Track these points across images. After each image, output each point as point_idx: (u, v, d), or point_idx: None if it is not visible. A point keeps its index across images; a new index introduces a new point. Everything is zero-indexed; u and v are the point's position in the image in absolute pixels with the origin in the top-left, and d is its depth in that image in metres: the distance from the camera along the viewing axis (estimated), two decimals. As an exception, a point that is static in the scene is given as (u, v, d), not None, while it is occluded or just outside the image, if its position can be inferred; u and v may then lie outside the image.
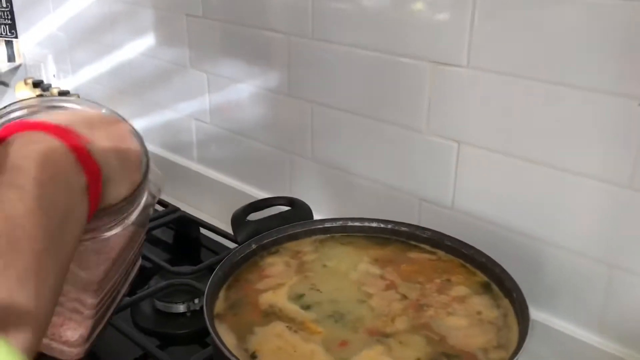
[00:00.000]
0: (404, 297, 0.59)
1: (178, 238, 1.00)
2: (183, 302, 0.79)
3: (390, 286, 0.61)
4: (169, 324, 0.77)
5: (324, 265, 0.64)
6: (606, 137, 0.60)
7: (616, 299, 0.63)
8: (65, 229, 0.35)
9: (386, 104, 0.77)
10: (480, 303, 0.58)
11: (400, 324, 0.55)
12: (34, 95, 1.37)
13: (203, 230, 0.98)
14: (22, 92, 1.40)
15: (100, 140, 0.40)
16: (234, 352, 0.50)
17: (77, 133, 0.38)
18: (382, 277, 0.62)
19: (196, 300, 0.80)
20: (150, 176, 0.45)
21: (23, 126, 0.37)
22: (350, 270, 0.63)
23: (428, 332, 0.54)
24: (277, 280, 0.61)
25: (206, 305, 0.54)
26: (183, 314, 0.79)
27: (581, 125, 0.61)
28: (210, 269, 0.85)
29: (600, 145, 0.60)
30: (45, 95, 1.34)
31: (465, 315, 0.56)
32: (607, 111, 0.59)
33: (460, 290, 0.60)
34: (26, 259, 0.31)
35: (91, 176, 0.37)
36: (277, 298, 0.59)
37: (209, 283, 0.57)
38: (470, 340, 0.53)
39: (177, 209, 0.99)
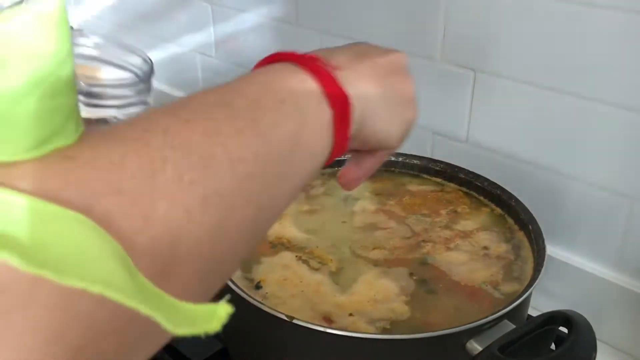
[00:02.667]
0: (410, 229, 0.57)
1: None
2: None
3: (394, 218, 0.59)
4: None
5: (331, 199, 0.62)
6: (630, 61, 0.56)
7: (637, 233, 0.60)
8: (288, 162, 0.31)
9: (397, 32, 0.73)
10: (487, 238, 0.55)
11: (398, 254, 0.54)
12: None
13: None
14: (24, 29, 1.37)
15: (360, 70, 0.37)
16: (238, 282, 0.48)
17: (324, 61, 0.34)
18: (385, 210, 0.60)
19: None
20: None
21: (268, 59, 0.35)
22: (355, 202, 0.61)
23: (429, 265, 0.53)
24: (282, 212, 0.60)
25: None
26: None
27: (604, 48, 0.57)
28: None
29: (622, 70, 0.56)
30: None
31: (467, 251, 0.54)
32: (634, 34, 0.55)
33: (467, 225, 0.57)
34: (221, 180, 0.26)
35: (338, 108, 0.33)
36: (284, 230, 0.57)
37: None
38: (472, 274, 0.51)
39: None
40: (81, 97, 0.57)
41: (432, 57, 0.70)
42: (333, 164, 0.43)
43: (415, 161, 0.65)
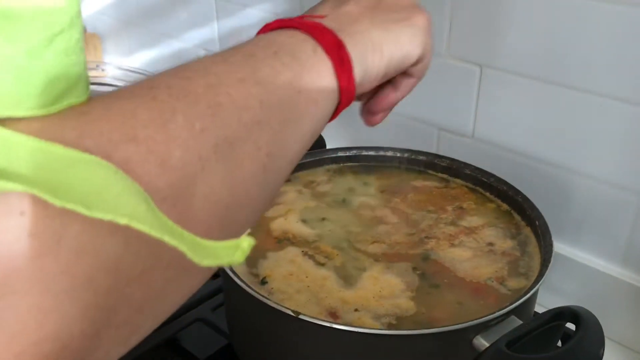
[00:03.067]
0: (413, 226, 0.57)
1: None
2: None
3: (398, 214, 0.58)
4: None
5: (336, 195, 0.62)
6: (634, 57, 0.55)
7: (643, 229, 0.60)
8: (292, 108, 0.31)
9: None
10: (492, 234, 0.55)
11: (399, 249, 0.54)
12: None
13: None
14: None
15: (346, 7, 0.38)
16: (243, 277, 0.48)
17: (310, 14, 0.36)
18: (390, 207, 0.59)
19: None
20: None
21: (264, 28, 0.36)
22: (360, 199, 0.61)
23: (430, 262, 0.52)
24: (287, 207, 0.59)
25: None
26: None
27: (612, 43, 0.57)
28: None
29: (629, 65, 0.56)
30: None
31: (471, 247, 0.54)
32: (636, 27, 0.54)
33: (472, 221, 0.57)
34: (230, 127, 0.27)
35: (333, 54, 0.34)
36: (290, 224, 0.57)
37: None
38: (476, 270, 0.51)
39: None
40: None
41: (438, 52, 0.70)
42: (336, 158, 0.43)
43: (420, 157, 0.65)
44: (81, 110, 0.23)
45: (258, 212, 0.31)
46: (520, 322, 0.43)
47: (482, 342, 0.42)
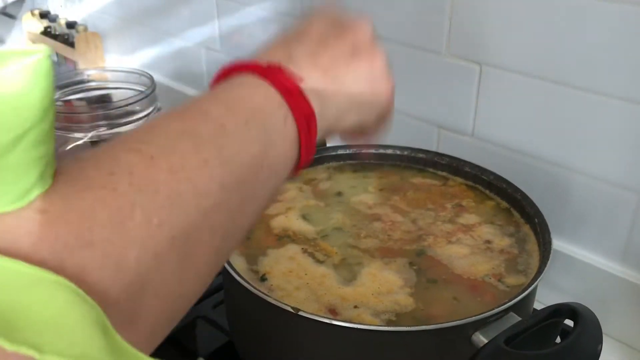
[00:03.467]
0: (413, 223, 0.57)
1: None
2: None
3: (398, 212, 0.59)
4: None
5: (336, 193, 0.62)
6: (632, 54, 0.55)
7: (642, 227, 0.60)
8: (253, 185, 0.30)
9: (404, 25, 0.73)
10: (491, 231, 0.55)
11: (399, 246, 0.54)
12: (41, 26, 1.34)
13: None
14: (29, 23, 1.37)
15: (321, 66, 0.36)
16: (243, 274, 0.48)
17: (286, 69, 0.33)
18: (390, 205, 0.60)
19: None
20: None
21: (229, 69, 0.34)
22: (361, 197, 0.61)
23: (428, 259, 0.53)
24: (287, 204, 0.60)
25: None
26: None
27: (611, 42, 0.57)
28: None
29: (629, 63, 0.56)
30: (53, 27, 1.31)
31: (469, 244, 0.54)
32: (634, 25, 0.54)
33: (471, 218, 0.57)
34: (187, 217, 0.26)
35: (303, 123, 0.33)
36: (290, 222, 0.57)
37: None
38: (473, 267, 0.51)
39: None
40: (103, 122, 0.62)
41: (438, 51, 0.70)
42: (337, 156, 0.43)
43: (420, 155, 0.65)
44: (40, 209, 0.22)
45: (199, 295, 0.30)
46: (519, 318, 0.44)
47: (480, 339, 0.43)
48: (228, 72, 0.34)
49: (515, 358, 0.39)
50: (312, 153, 0.34)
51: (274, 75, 0.33)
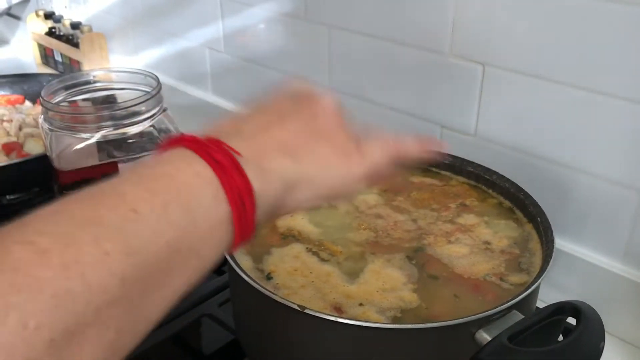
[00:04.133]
0: (415, 223, 0.58)
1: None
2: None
3: (401, 212, 0.59)
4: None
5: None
6: (634, 55, 0.56)
7: (644, 226, 0.61)
8: (163, 273, 0.28)
9: (407, 26, 0.73)
10: (492, 231, 0.56)
11: (401, 244, 0.55)
12: (46, 27, 1.35)
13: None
14: (34, 24, 1.38)
15: (268, 144, 0.34)
16: (249, 273, 0.49)
17: (227, 144, 0.31)
18: (394, 206, 0.60)
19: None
20: None
21: (168, 143, 0.32)
22: (365, 197, 0.62)
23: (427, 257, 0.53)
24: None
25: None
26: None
27: (613, 43, 0.57)
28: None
29: (630, 63, 0.57)
30: (57, 27, 1.31)
31: (469, 244, 0.54)
32: (637, 26, 0.55)
33: (473, 218, 0.58)
34: (75, 315, 0.24)
35: (237, 203, 0.30)
36: (295, 222, 0.57)
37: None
38: (474, 267, 0.52)
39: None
40: (109, 123, 0.63)
41: (441, 51, 0.70)
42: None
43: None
44: None
45: None
46: (522, 316, 0.44)
47: (484, 336, 0.43)
48: (168, 146, 0.32)
49: (519, 355, 0.40)
50: (249, 231, 0.32)
51: (208, 149, 0.31)
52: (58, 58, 1.34)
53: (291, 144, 0.35)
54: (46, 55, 1.38)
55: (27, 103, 1.08)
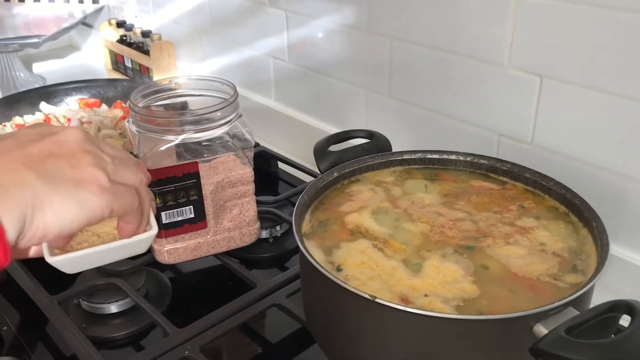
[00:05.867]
0: (476, 225, 0.61)
1: (258, 172, 1.04)
2: (266, 229, 0.84)
3: (464, 216, 0.63)
4: (252, 249, 0.81)
5: (404, 194, 0.67)
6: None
7: (699, 234, 0.63)
8: None
9: (466, 38, 0.77)
10: (548, 234, 0.59)
11: (462, 248, 0.58)
12: (117, 35, 1.44)
13: (281, 165, 1.02)
14: (106, 32, 1.47)
15: (15, 164, 0.36)
16: (322, 265, 0.54)
17: None
18: (456, 207, 0.64)
19: (278, 227, 0.85)
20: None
21: None
22: (426, 201, 0.66)
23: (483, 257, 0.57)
24: (360, 203, 0.65)
25: (295, 224, 0.57)
26: (266, 239, 0.84)
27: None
28: (290, 199, 0.90)
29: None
30: (128, 36, 1.40)
31: (525, 246, 0.58)
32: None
33: (530, 222, 0.61)
34: None
35: None
36: (363, 219, 0.62)
37: (296, 204, 0.60)
38: (529, 267, 0.55)
39: (257, 144, 1.03)
40: (191, 127, 0.69)
41: (500, 63, 0.74)
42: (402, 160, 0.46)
43: (482, 161, 0.69)
44: None
45: None
46: (578, 312, 0.47)
47: (541, 329, 0.46)
48: None
49: (575, 346, 0.43)
50: (4, 253, 0.34)
51: None
52: (128, 64, 1.42)
53: (31, 166, 0.37)
54: (117, 61, 1.47)
55: (104, 106, 1.16)
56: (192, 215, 0.72)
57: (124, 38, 1.42)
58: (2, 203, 0.34)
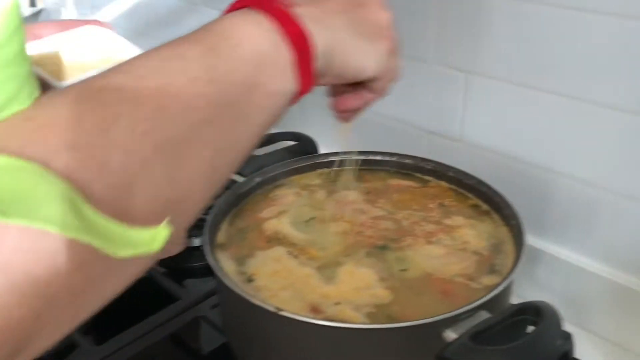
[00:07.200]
0: (397, 224, 0.60)
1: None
2: (197, 237, 0.81)
3: (384, 214, 0.62)
4: (186, 258, 0.79)
5: (328, 197, 0.65)
6: (616, 63, 0.58)
7: (623, 227, 0.62)
8: (246, 104, 0.32)
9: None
10: (469, 233, 0.58)
11: (379, 248, 0.57)
12: (56, 39, 1.39)
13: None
14: (45, 37, 1.42)
15: (323, 3, 0.38)
16: (232, 276, 0.52)
17: (281, 2, 0.35)
18: (378, 206, 0.63)
19: (209, 234, 0.82)
20: None
21: (228, 9, 0.36)
22: (350, 196, 0.64)
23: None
24: (281, 208, 0.63)
25: (206, 235, 0.55)
26: (198, 247, 0.81)
27: (592, 51, 0.59)
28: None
29: (612, 72, 0.58)
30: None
31: (446, 245, 0.57)
32: (622, 38, 0.56)
33: (451, 220, 0.60)
34: (174, 128, 0.28)
35: (298, 47, 0.34)
36: (282, 225, 0.60)
37: (211, 214, 0.58)
38: (446, 267, 0.54)
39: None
40: None
41: (424, 59, 0.72)
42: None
43: (407, 160, 0.68)
44: (27, 116, 0.26)
45: (203, 203, 0.33)
46: (489, 315, 0.46)
47: (451, 335, 0.45)
48: (230, 9, 0.36)
49: (479, 353, 0.42)
50: (311, 78, 0.36)
51: (265, 4, 0.35)
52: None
53: (339, 7, 0.40)
54: (57, 66, 1.42)
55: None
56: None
57: (64, 42, 1.38)
58: (319, 37, 0.36)
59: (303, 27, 0.35)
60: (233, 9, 0.36)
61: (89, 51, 0.54)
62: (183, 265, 0.79)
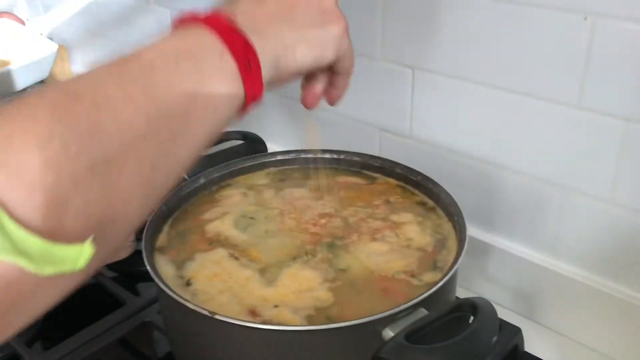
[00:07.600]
0: (343, 221, 0.59)
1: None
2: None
3: (329, 213, 0.61)
4: (136, 261, 0.77)
5: (274, 196, 0.64)
6: (561, 58, 0.57)
7: (570, 221, 0.62)
8: (185, 119, 0.32)
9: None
10: (414, 229, 0.57)
11: (324, 247, 0.56)
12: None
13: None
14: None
15: (263, 8, 0.39)
16: (171, 281, 0.51)
17: (220, 12, 0.36)
18: (324, 203, 0.62)
19: (160, 237, 0.81)
20: None
21: (173, 25, 0.36)
22: (297, 193, 0.63)
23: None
24: (225, 209, 0.62)
25: (145, 239, 0.54)
26: (149, 250, 0.80)
27: (536, 45, 0.59)
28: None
29: (555, 67, 0.58)
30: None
31: (390, 242, 0.56)
32: (565, 32, 0.56)
33: (396, 217, 0.59)
34: (109, 146, 0.28)
35: (241, 57, 0.35)
36: (224, 226, 0.59)
37: (150, 217, 0.57)
38: (389, 264, 0.53)
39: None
40: None
41: (372, 55, 0.72)
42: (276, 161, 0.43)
43: (355, 158, 0.67)
44: None
45: (140, 217, 0.33)
46: (427, 313, 0.46)
47: (389, 334, 0.44)
48: (175, 25, 0.37)
49: (412, 352, 0.41)
50: (258, 89, 0.36)
51: (207, 18, 0.35)
52: (23, 71, 1.34)
53: (283, 6, 0.40)
54: (12, 68, 1.39)
55: None
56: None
57: (17, 43, 1.34)
58: (262, 47, 0.37)
59: (245, 37, 0.36)
60: (177, 26, 0.36)
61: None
62: (133, 269, 0.77)
